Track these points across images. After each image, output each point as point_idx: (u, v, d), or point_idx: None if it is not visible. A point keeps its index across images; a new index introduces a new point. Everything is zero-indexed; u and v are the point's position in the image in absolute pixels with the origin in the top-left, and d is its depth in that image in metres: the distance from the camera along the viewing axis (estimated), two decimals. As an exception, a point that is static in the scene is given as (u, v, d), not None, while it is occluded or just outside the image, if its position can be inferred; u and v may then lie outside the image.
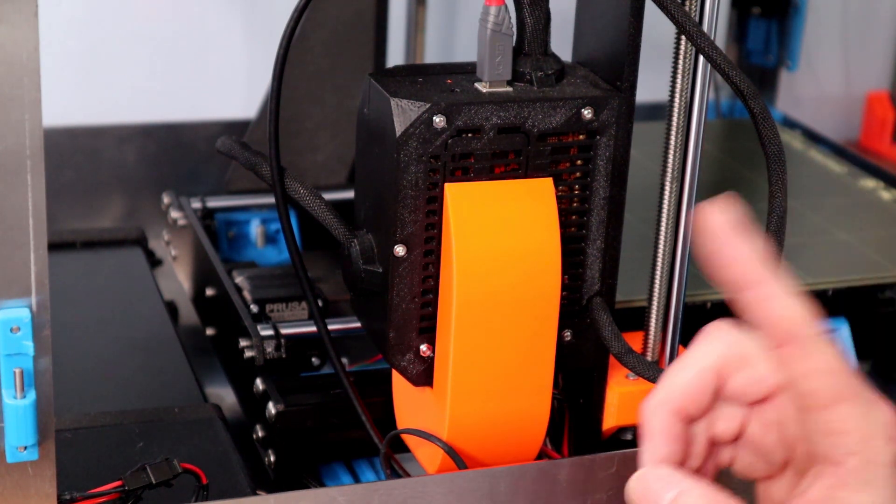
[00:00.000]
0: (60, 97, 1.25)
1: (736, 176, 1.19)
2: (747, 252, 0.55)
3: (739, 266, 0.56)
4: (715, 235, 0.56)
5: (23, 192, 0.64)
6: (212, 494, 0.78)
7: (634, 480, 0.61)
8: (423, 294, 0.77)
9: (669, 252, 0.82)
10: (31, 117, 0.63)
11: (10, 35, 0.61)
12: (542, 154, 0.77)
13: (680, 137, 0.80)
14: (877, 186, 1.18)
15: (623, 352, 0.79)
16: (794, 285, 0.56)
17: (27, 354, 0.65)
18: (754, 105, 0.75)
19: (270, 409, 0.87)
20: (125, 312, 1.05)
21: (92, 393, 0.93)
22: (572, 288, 0.81)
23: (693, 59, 0.79)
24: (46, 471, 0.68)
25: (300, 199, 0.81)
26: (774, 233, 0.77)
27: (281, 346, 0.91)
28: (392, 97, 0.74)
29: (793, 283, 0.56)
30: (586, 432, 0.85)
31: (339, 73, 1.17)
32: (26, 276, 0.65)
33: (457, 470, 0.78)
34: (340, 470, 0.91)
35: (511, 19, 0.77)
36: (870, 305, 1.02)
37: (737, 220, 0.56)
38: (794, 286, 0.56)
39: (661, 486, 0.60)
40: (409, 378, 0.79)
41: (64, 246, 1.13)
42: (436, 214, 0.76)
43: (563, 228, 0.78)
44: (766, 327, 0.57)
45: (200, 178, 1.29)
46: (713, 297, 0.96)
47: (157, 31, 1.29)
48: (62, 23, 1.26)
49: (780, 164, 0.76)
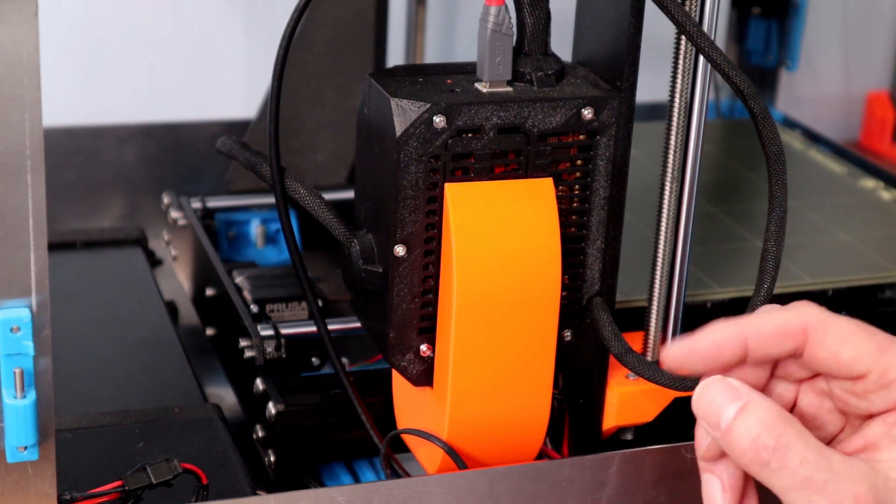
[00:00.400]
0: (60, 97, 1.25)
1: (736, 176, 1.19)
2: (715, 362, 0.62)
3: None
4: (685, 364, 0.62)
5: (23, 192, 0.64)
6: (212, 494, 0.78)
7: (700, 390, 0.61)
8: (423, 294, 0.77)
9: (669, 252, 0.82)
10: (31, 117, 0.63)
11: (10, 35, 0.61)
12: (542, 154, 0.77)
13: (680, 137, 0.80)
14: (877, 186, 1.18)
15: (623, 352, 0.79)
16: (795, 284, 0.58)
17: (27, 354, 0.65)
18: (754, 105, 0.75)
19: (270, 409, 0.87)
20: (125, 312, 1.05)
21: (92, 393, 0.93)
22: (572, 288, 0.81)
23: (693, 59, 0.79)
24: (46, 471, 0.68)
25: (300, 199, 0.81)
26: (774, 233, 0.77)
27: (281, 346, 0.91)
28: (392, 97, 0.74)
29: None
30: (586, 432, 0.85)
31: (339, 73, 1.17)
32: (26, 276, 0.65)
33: (457, 470, 0.78)
34: (340, 470, 0.91)
35: (511, 19, 0.77)
36: (870, 305, 1.02)
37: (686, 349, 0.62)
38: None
39: (725, 396, 0.60)
40: (409, 378, 0.79)
41: (64, 246, 1.13)
42: (436, 214, 0.76)
43: (563, 228, 0.78)
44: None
45: (200, 178, 1.29)
46: (713, 297, 0.96)
47: (157, 31, 1.29)
48: (62, 23, 1.26)
49: (780, 164, 0.76)
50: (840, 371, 0.62)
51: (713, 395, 0.61)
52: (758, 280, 0.77)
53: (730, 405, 0.60)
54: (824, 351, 0.62)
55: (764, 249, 0.77)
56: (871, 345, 0.61)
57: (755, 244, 1.04)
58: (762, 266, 0.77)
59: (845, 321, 0.62)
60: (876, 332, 0.62)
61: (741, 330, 0.62)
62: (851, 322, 0.62)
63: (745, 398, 0.60)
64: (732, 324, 0.63)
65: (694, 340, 0.63)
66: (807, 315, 0.62)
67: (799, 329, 0.62)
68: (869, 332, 0.62)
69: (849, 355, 0.61)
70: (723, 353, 0.62)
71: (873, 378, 0.61)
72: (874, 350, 0.61)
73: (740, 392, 0.60)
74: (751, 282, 0.80)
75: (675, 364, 0.63)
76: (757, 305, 0.77)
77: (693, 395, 0.62)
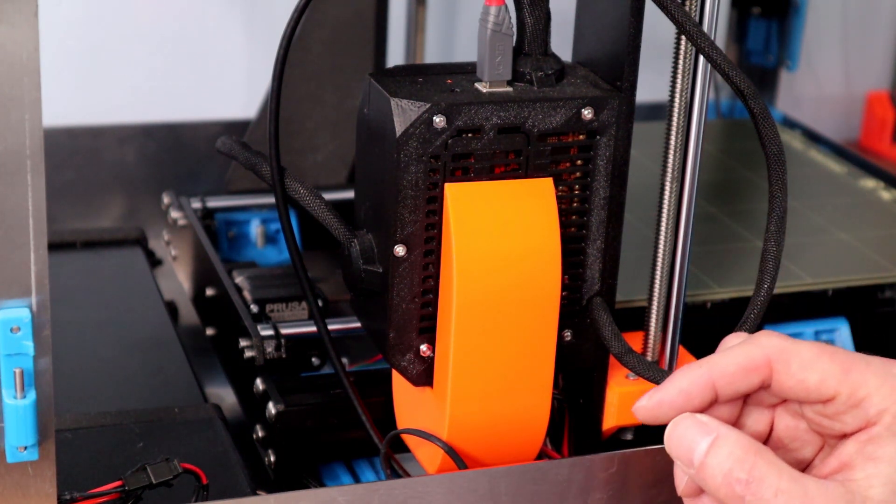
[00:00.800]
0: (60, 97, 1.25)
1: (736, 176, 1.19)
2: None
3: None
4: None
5: (23, 192, 0.64)
6: (212, 494, 0.78)
7: (670, 428, 0.61)
8: (423, 294, 0.77)
9: (669, 252, 0.82)
10: (31, 117, 0.63)
11: (10, 35, 0.61)
12: (543, 154, 0.77)
13: (680, 137, 0.80)
14: (877, 186, 1.18)
15: (623, 352, 0.79)
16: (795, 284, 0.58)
17: (27, 354, 0.65)
18: (754, 105, 0.75)
19: (270, 409, 0.87)
20: (125, 312, 1.05)
21: (92, 393, 0.93)
22: (572, 288, 0.81)
23: (693, 59, 0.79)
24: (46, 471, 0.68)
25: (300, 199, 0.81)
26: (774, 233, 0.77)
27: (281, 346, 0.91)
28: (392, 97, 0.74)
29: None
30: (586, 432, 0.85)
31: (339, 73, 1.17)
32: (26, 276, 0.65)
33: (457, 470, 0.78)
34: (340, 470, 0.91)
35: (511, 19, 0.77)
36: (870, 305, 1.02)
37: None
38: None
39: (696, 433, 0.60)
40: (409, 378, 0.79)
41: (64, 246, 1.13)
42: (436, 214, 0.76)
43: (563, 228, 0.78)
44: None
45: (200, 178, 1.29)
46: (713, 297, 0.96)
47: (156, 30, 1.29)
48: (62, 23, 1.26)
49: (780, 164, 0.76)
50: (809, 396, 0.62)
51: (682, 431, 0.61)
52: (758, 280, 0.77)
53: (700, 441, 0.60)
54: (791, 379, 0.62)
55: (764, 249, 0.77)
56: (836, 366, 0.61)
57: (755, 244, 1.04)
58: (762, 266, 0.77)
59: (807, 346, 0.62)
60: (839, 352, 0.62)
61: (706, 374, 0.62)
62: (814, 346, 0.62)
63: (714, 433, 0.60)
64: (696, 368, 0.63)
65: (663, 392, 0.63)
66: (768, 347, 0.62)
67: (763, 362, 0.62)
68: (832, 353, 0.62)
69: (815, 380, 0.61)
70: (693, 399, 0.62)
71: (842, 399, 0.61)
72: (839, 371, 0.61)
73: (710, 427, 0.60)
74: (751, 282, 0.80)
75: (649, 417, 0.63)
76: (757, 305, 0.77)
77: (664, 435, 0.62)
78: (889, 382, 0.60)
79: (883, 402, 0.60)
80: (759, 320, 0.77)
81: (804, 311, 1.00)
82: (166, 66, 1.30)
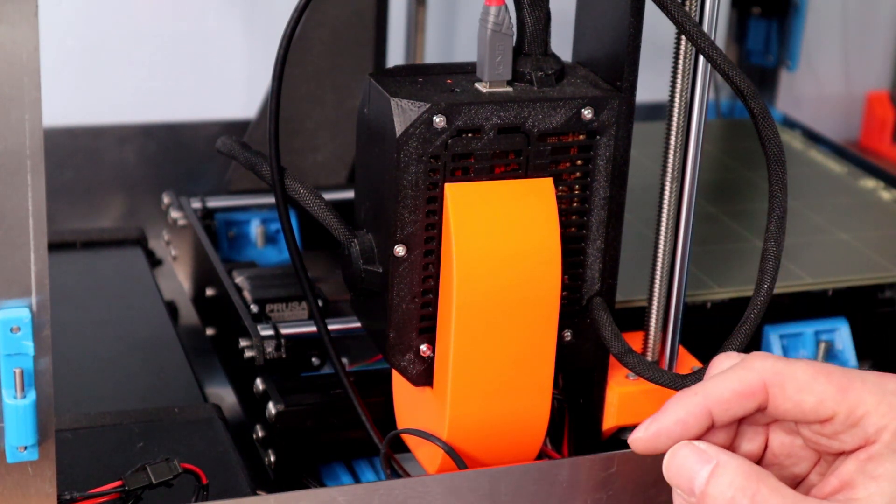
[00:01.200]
0: (60, 97, 1.25)
1: (736, 176, 1.20)
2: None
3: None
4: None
5: (23, 192, 0.64)
6: (212, 494, 0.78)
7: (669, 457, 0.61)
8: (423, 294, 0.77)
9: (669, 252, 0.82)
10: (31, 117, 0.63)
11: (10, 35, 0.61)
12: (543, 154, 0.77)
13: (680, 137, 0.80)
14: (877, 186, 1.18)
15: (623, 352, 0.79)
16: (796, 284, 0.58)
17: (27, 354, 0.65)
18: (754, 105, 0.75)
19: (270, 409, 0.87)
20: (125, 312, 1.05)
21: (92, 393, 0.93)
22: (572, 288, 0.81)
23: (693, 59, 0.79)
24: (46, 471, 0.68)
25: (300, 199, 0.81)
26: (774, 233, 0.77)
27: (281, 346, 0.91)
28: (392, 97, 0.74)
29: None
30: (586, 432, 0.85)
31: (339, 73, 1.17)
32: (26, 276, 0.65)
33: (457, 470, 0.78)
34: (340, 470, 0.91)
35: (511, 19, 0.77)
36: (870, 305, 1.02)
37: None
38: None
39: (695, 461, 0.60)
40: (409, 378, 0.79)
41: (64, 246, 1.13)
42: (436, 214, 0.76)
43: (563, 228, 0.78)
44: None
45: (200, 178, 1.29)
46: (713, 297, 0.96)
47: (157, 30, 1.29)
48: (62, 23, 1.26)
49: (780, 164, 0.76)
50: (806, 417, 0.61)
51: (682, 461, 0.60)
52: (758, 280, 0.77)
53: (700, 469, 0.60)
54: (787, 402, 0.61)
55: (764, 249, 0.77)
56: (832, 387, 0.61)
57: (755, 244, 1.04)
58: (762, 266, 0.77)
59: (802, 366, 0.61)
60: (834, 371, 0.61)
61: (702, 402, 0.62)
62: (808, 367, 0.61)
63: (714, 460, 0.60)
64: (692, 395, 0.62)
65: (659, 423, 0.62)
66: (762, 370, 0.62)
67: (758, 387, 0.62)
68: (827, 373, 0.61)
69: (812, 402, 0.61)
70: (690, 428, 0.62)
71: (840, 419, 0.61)
72: (836, 392, 0.61)
73: (709, 455, 0.60)
74: (751, 282, 0.80)
75: (646, 448, 0.62)
76: (757, 305, 0.77)
77: (663, 463, 0.61)
78: (887, 399, 0.60)
79: (881, 419, 0.60)
80: (759, 320, 0.77)
81: (804, 311, 1.00)
82: (166, 66, 1.30)
